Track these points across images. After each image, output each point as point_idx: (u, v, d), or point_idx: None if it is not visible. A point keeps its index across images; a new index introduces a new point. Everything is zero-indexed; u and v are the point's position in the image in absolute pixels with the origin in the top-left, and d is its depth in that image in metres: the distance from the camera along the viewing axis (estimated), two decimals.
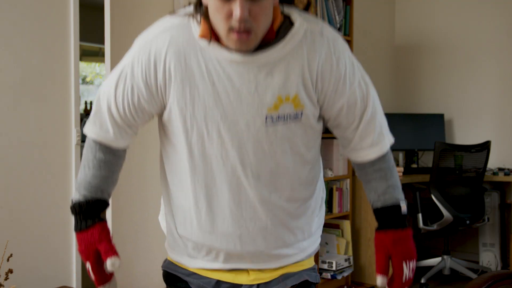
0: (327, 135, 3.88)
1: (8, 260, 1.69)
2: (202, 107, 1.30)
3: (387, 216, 1.39)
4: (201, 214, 1.38)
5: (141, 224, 3.28)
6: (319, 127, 1.44)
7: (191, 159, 1.35)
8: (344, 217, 4.09)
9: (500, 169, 4.54)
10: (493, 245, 4.45)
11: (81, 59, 7.12)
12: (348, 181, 4.10)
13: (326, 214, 4.15)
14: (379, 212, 1.41)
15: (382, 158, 1.42)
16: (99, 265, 1.36)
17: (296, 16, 1.30)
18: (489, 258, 4.44)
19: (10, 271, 1.62)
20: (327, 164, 3.98)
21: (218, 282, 1.44)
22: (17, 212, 3.05)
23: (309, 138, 1.41)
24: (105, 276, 1.38)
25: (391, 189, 1.41)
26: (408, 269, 1.37)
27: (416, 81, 5.19)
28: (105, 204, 1.41)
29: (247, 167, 1.33)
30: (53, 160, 3.21)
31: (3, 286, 1.57)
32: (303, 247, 1.47)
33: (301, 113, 1.33)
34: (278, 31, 1.28)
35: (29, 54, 3.10)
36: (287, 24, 1.29)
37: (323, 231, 4.00)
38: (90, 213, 1.37)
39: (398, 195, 1.41)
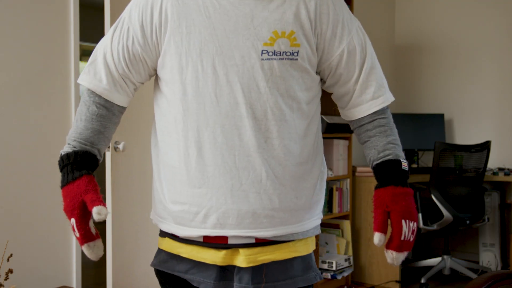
0: (327, 135, 3.90)
1: (8, 260, 1.69)
2: (197, 41, 1.28)
3: (387, 171, 1.33)
4: (191, 164, 1.31)
5: (141, 224, 3.28)
6: (317, 78, 1.38)
7: (185, 101, 1.31)
8: (344, 217, 4.09)
9: (500, 169, 4.54)
10: (493, 245, 4.45)
11: (81, 59, 7.12)
12: (348, 181, 4.10)
13: (326, 214, 4.17)
14: (378, 168, 1.35)
15: (382, 113, 1.40)
16: (84, 220, 1.30)
17: None
18: (489, 258, 4.44)
19: (10, 271, 1.62)
20: (327, 164, 3.98)
21: (217, 275, 1.37)
22: (17, 212, 3.05)
23: (307, 86, 1.35)
24: (90, 234, 1.31)
25: (391, 145, 1.38)
26: (408, 228, 1.29)
27: (416, 81, 5.19)
28: (95, 159, 1.36)
29: (242, 107, 1.28)
30: (53, 160, 3.22)
31: (3, 286, 1.57)
32: (300, 216, 1.37)
33: (297, 52, 1.30)
34: None
35: (29, 54, 3.11)
36: None
37: (323, 231, 4.02)
38: (78, 165, 1.34)
39: (399, 152, 1.37)
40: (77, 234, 1.30)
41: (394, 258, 1.31)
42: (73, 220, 1.32)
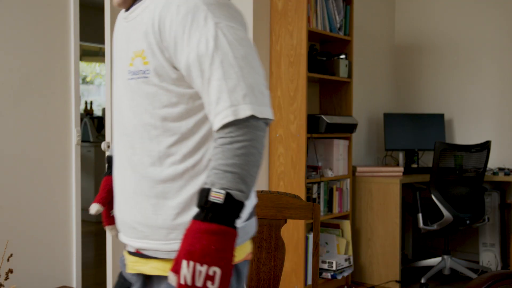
0: (327, 135, 3.90)
1: (8, 260, 1.69)
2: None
3: (197, 201, 1.15)
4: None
5: None
6: (186, 92, 1.25)
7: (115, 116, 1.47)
8: (344, 217, 4.09)
9: (500, 169, 4.54)
10: (493, 245, 4.45)
11: (81, 59, 7.12)
12: (348, 181, 4.10)
13: (326, 214, 4.17)
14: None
15: (222, 131, 1.16)
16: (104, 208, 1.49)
17: None
18: (489, 258, 4.44)
19: (10, 271, 1.62)
20: (327, 164, 3.98)
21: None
22: (17, 212, 3.05)
23: (170, 102, 1.25)
24: (108, 220, 1.51)
25: (214, 171, 1.14)
26: (188, 270, 1.09)
27: (416, 81, 5.19)
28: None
29: (120, 123, 1.35)
30: (53, 160, 3.21)
31: (3, 286, 1.57)
32: (162, 234, 1.28)
33: (148, 70, 1.24)
34: None
35: (29, 54, 3.10)
36: None
37: (323, 231, 4.02)
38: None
39: (216, 179, 1.13)
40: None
41: None
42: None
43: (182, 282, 1.09)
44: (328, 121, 3.74)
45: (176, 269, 1.11)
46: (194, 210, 1.23)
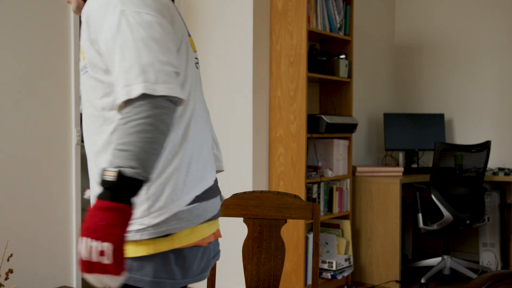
0: (327, 135, 3.90)
1: (8, 260, 1.69)
2: None
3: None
4: None
5: None
6: (112, 80, 1.28)
7: None
8: (344, 217, 4.09)
9: (500, 169, 4.54)
10: (493, 245, 4.45)
11: None
12: (348, 181, 4.10)
13: (326, 214, 4.17)
14: None
15: (121, 112, 1.20)
16: None
17: None
18: (489, 258, 4.44)
19: (10, 271, 1.62)
20: (327, 164, 3.98)
21: None
22: (17, 212, 3.05)
23: (104, 93, 1.32)
24: None
25: (113, 151, 1.16)
26: (82, 246, 1.11)
27: (416, 81, 5.18)
28: None
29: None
30: (53, 160, 3.22)
31: (3, 286, 1.57)
32: None
33: (85, 65, 1.34)
34: None
35: (29, 54, 3.10)
36: None
37: (323, 231, 4.02)
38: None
39: (112, 158, 1.15)
40: None
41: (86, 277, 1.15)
42: None
43: (79, 257, 1.13)
44: (328, 121, 3.74)
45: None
46: (156, 196, 1.34)
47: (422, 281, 4.02)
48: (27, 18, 3.09)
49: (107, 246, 1.10)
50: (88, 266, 1.12)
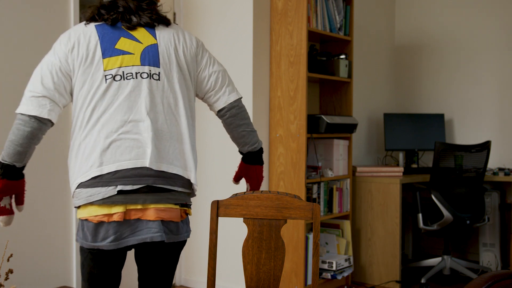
0: (327, 135, 3.90)
1: (8, 260, 1.69)
2: None
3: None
4: None
5: None
6: None
7: None
8: (344, 217, 4.09)
9: (500, 169, 4.54)
10: (493, 245, 4.45)
11: None
12: (348, 181, 4.10)
13: (326, 214, 4.17)
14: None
15: None
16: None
17: None
18: (489, 258, 4.44)
19: (10, 271, 1.62)
20: (327, 164, 3.98)
21: None
22: (17, 212, 3.04)
23: None
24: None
25: None
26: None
27: (416, 81, 5.19)
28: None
29: None
30: (53, 160, 3.22)
31: (3, 286, 1.57)
32: None
33: None
34: None
35: (29, 54, 3.10)
36: None
37: (323, 231, 4.02)
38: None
39: None
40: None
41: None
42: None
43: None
44: (328, 121, 3.74)
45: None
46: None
47: (422, 281, 4.02)
48: (27, 18, 3.09)
49: None
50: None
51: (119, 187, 1.82)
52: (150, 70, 1.89)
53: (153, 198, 1.85)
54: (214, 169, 3.89)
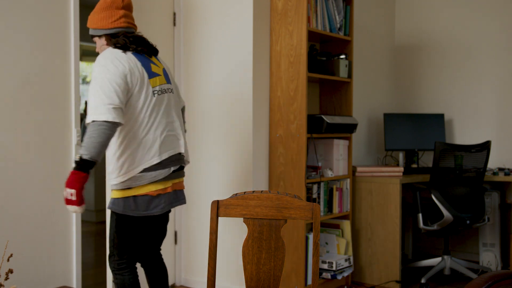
0: (327, 135, 3.90)
1: (8, 260, 1.69)
2: None
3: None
4: None
5: None
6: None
7: None
8: (344, 217, 4.09)
9: (500, 169, 4.54)
10: (493, 245, 4.45)
11: (81, 59, 7.11)
12: (348, 181, 4.10)
13: (326, 214, 4.18)
14: None
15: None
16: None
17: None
18: (489, 258, 4.44)
19: (10, 271, 1.62)
20: (327, 164, 3.98)
21: None
22: (17, 212, 3.05)
23: None
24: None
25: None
26: (64, 192, 2.37)
27: (416, 81, 5.19)
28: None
29: None
30: (53, 160, 3.22)
31: (3, 286, 1.57)
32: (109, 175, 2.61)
33: None
34: None
35: (29, 54, 3.10)
36: None
37: (323, 231, 4.02)
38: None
39: (79, 151, 2.41)
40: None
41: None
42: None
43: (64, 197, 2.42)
44: (328, 121, 3.74)
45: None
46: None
47: (422, 281, 4.02)
48: (27, 18, 3.09)
49: (72, 192, 2.36)
50: (66, 201, 2.38)
51: (172, 168, 2.61)
52: (169, 87, 2.70)
53: (180, 174, 2.70)
54: (214, 169, 3.89)
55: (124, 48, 2.56)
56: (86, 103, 7.46)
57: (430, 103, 5.09)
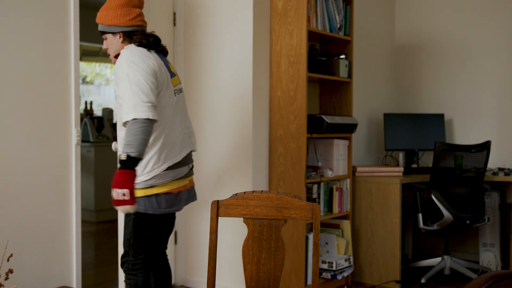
0: (327, 135, 3.90)
1: (8, 260, 1.69)
2: None
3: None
4: None
5: None
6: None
7: None
8: (344, 217, 4.09)
9: (500, 169, 4.54)
10: (493, 245, 4.45)
11: (81, 59, 7.11)
12: (348, 181, 4.10)
13: (326, 214, 4.17)
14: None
15: (127, 124, 2.43)
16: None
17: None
18: (489, 258, 4.44)
19: (10, 271, 1.62)
20: (327, 164, 3.98)
21: None
22: (17, 212, 3.05)
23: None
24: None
25: (123, 146, 2.39)
26: (114, 193, 2.33)
27: (416, 81, 5.19)
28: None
29: None
30: (53, 160, 3.22)
31: (3, 286, 1.57)
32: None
33: (116, 95, 2.57)
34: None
35: (29, 54, 3.10)
36: None
37: (323, 231, 4.02)
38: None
39: (124, 149, 2.36)
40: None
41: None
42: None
43: (112, 198, 2.37)
44: (328, 121, 3.74)
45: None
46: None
47: (422, 281, 4.02)
48: (27, 18, 3.09)
49: (125, 192, 2.33)
50: (117, 202, 2.34)
51: (190, 166, 2.73)
52: (181, 86, 2.77)
53: (192, 171, 2.80)
54: (214, 169, 3.89)
55: (148, 47, 2.59)
56: (86, 103, 7.45)
57: (430, 103, 5.09)
